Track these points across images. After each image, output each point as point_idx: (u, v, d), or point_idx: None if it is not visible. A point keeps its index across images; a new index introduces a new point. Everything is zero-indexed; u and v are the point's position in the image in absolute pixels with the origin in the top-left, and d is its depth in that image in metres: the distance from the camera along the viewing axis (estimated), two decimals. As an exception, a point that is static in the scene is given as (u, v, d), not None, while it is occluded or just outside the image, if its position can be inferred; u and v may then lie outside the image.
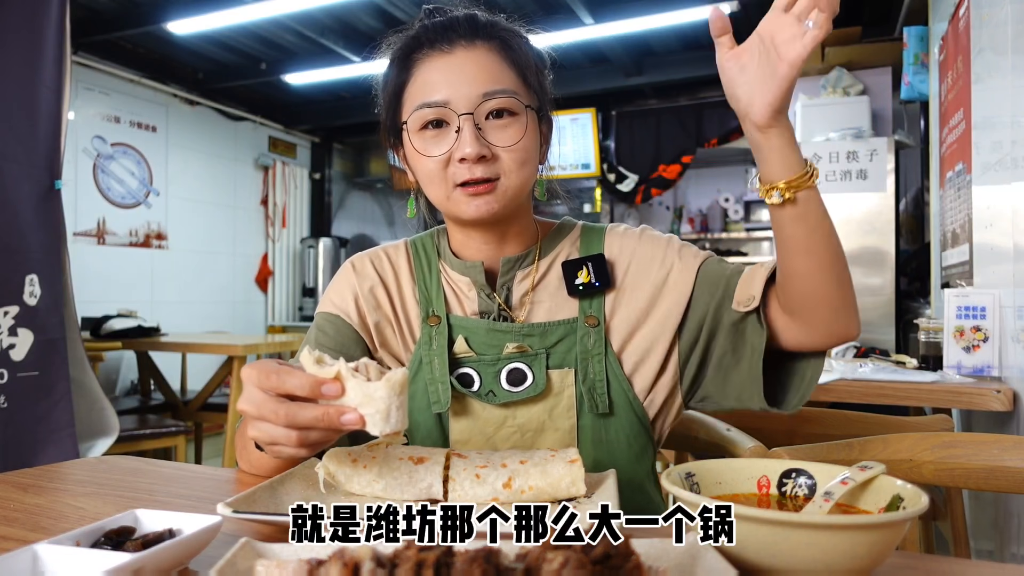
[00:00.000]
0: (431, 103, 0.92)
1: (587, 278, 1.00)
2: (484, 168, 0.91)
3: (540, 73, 1.00)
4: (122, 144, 5.29)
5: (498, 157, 0.92)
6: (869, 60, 4.00)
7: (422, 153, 0.93)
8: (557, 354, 0.98)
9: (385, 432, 0.69)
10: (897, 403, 1.88)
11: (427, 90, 0.93)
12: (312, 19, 4.66)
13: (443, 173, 0.93)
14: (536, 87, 0.98)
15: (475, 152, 0.89)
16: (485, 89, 0.91)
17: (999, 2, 1.94)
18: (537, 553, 0.45)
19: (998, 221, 1.98)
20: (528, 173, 0.95)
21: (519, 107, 0.93)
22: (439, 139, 0.93)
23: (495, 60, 0.94)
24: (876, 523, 0.51)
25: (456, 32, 0.94)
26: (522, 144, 0.93)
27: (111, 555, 0.52)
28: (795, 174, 0.81)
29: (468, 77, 0.92)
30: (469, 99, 0.91)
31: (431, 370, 0.98)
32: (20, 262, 2.21)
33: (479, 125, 0.92)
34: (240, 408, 0.71)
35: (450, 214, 0.98)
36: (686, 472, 0.64)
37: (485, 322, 1.00)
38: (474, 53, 0.93)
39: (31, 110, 2.26)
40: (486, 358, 0.98)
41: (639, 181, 6.00)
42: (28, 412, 2.21)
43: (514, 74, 0.95)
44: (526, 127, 0.93)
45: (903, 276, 3.80)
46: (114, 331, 3.84)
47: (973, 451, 1.04)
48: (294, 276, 6.97)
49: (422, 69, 0.94)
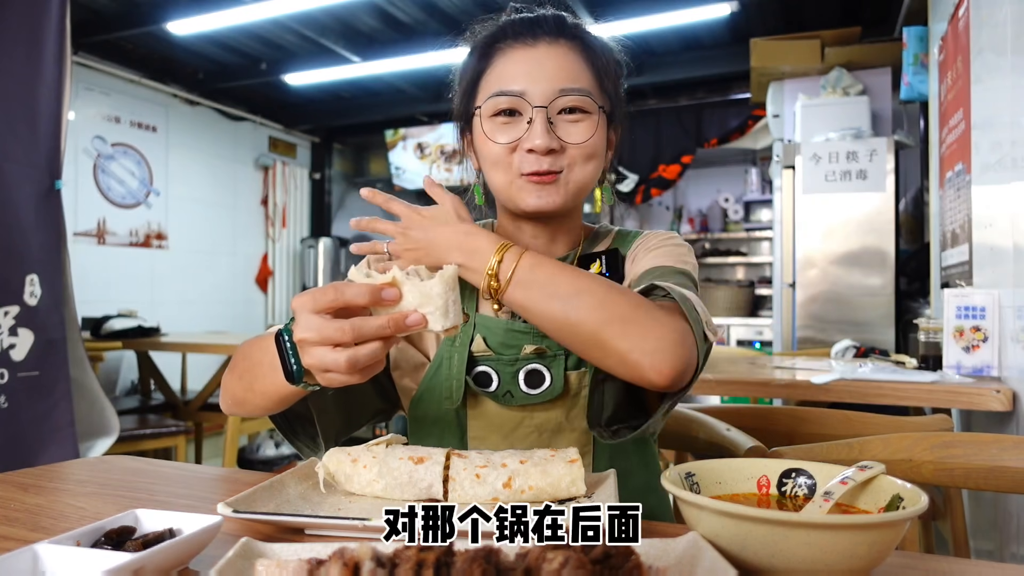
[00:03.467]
0: (507, 91, 0.93)
1: (599, 269, 1.01)
2: (551, 161, 0.93)
3: (616, 81, 1.02)
4: (122, 144, 5.29)
5: (566, 151, 0.94)
6: (869, 60, 4.00)
7: (490, 138, 0.95)
8: (575, 355, 0.96)
9: (446, 327, 0.72)
10: (897, 403, 1.88)
11: (505, 79, 0.95)
12: (312, 19, 4.66)
13: (509, 159, 0.95)
14: (611, 92, 0.99)
15: (545, 144, 0.91)
16: (562, 85, 0.93)
17: (999, 2, 1.94)
18: (537, 553, 0.45)
19: (997, 221, 1.98)
20: (592, 171, 0.96)
21: (592, 107, 0.94)
22: (510, 127, 0.95)
23: (575, 60, 0.96)
24: (876, 523, 0.51)
25: (542, 28, 0.96)
26: (591, 143, 0.94)
27: (111, 555, 0.52)
28: (481, 286, 0.84)
29: (547, 72, 0.93)
30: (545, 92, 0.93)
31: (449, 366, 0.98)
32: (20, 262, 2.21)
33: (551, 119, 0.93)
34: (299, 337, 0.71)
35: (511, 202, 0.98)
36: (686, 472, 0.64)
37: (504, 322, 0.99)
38: (556, 50, 0.95)
39: (31, 110, 2.26)
40: (504, 358, 0.97)
41: (639, 181, 6.00)
42: (28, 412, 2.21)
43: (592, 76, 0.96)
44: (596, 126, 0.95)
45: (903, 276, 3.80)
46: (114, 331, 3.85)
47: (972, 451, 1.04)
48: (294, 276, 6.97)
49: (503, 59, 0.96)
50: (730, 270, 6.62)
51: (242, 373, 0.88)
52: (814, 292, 3.68)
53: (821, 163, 3.65)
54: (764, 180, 6.25)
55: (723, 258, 6.49)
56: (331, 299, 0.71)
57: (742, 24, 4.71)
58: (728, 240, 6.52)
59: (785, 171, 3.88)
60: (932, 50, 3.06)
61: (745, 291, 5.98)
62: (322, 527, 0.66)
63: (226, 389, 0.93)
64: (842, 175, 3.63)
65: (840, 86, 3.87)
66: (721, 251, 6.58)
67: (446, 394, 0.97)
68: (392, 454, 0.77)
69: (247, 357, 0.88)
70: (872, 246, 3.60)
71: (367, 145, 7.58)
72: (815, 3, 4.52)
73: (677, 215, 6.80)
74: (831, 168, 3.64)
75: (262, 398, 0.85)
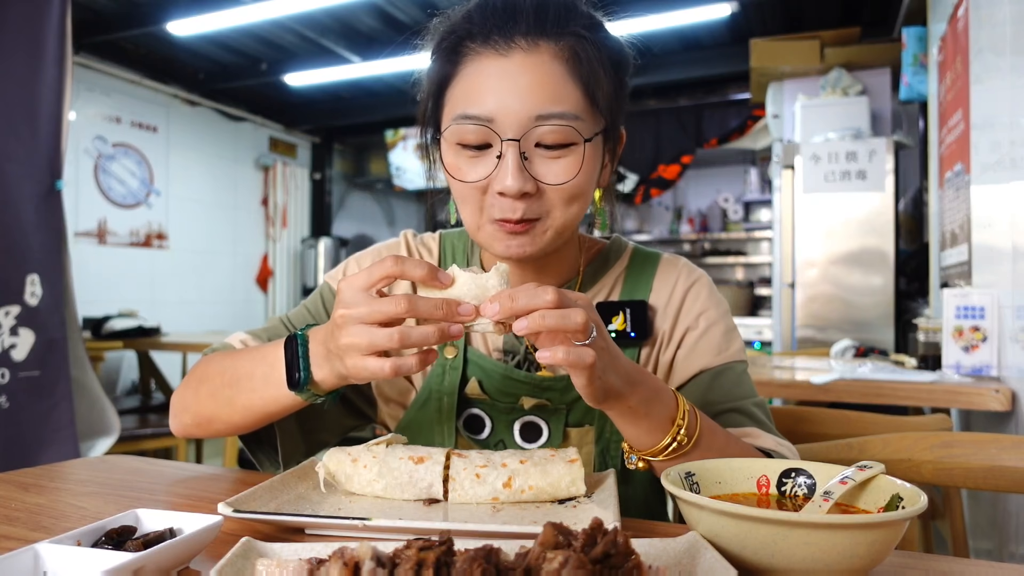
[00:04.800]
0: (473, 116, 0.77)
1: (622, 326, 0.89)
2: (526, 206, 0.78)
3: (616, 80, 0.84)
4: (123, 144, 5.29)
5: (544, 194, 0.78)
6: (868, 60, 4.00)
7: (455, 177, 0.80)
8: (578, 410, 0.89)
9: (494, 320, 0.66)
10: (896, 403, 1.88)
11: (471, 97, 0.78)
12: (312, 19, 4.66)
13: (479, 199, 0.80)
14: (606, 103, 0.81)
15: (516, 187, 0.76)
16: (540, 110, 0.76)
17: (998, 2, 1.94)
18: (537, 553, 0.45)
19: (997, 221, 1.98)
20: (576, 211, 0.82)
21: (578, 137, 0.78)
22: (478, 161, 0.79)
23: (559, 71, 0.77)
24: (875, 522, 0.51)
25: (516, 25, 0.77)
26: (576, 182, 0.78)
27: (112, 554, 0.52)
28: (645, 449, 0.74)
29: (522, 90, 0.76)
30: (519, 119, 0.76)
31: (439, 408, 0.90)
32: (21, 262, 2.21)
33: (525, 153, 0.77)
34: (345, 313, 0.66)
35: (481, 245, 0.85)
36: (686, 472, 0.64)
37: (502, 367, 0.90)
38: (534, 59, 0.77)
39: (32, 111, 2.27)
40: (500, 404, 0.89)
41: (639, 181, 6.01)
42: (29, 412, 2.21)
43: (580, 91, 0.78)
44: (583, 160, 0.78)
45: (902, 276, 3.80)
46: (115, 331, 3.85)
47: (972, 451, 1.04)
48: (294, 276, 6.97)
49: (470, 66, 0.79)
50: (730, 270, 6.62)
51: (215, 390, 0.82)
52: (814, 292, 3.68)
53: (821, 163, 3.65)
54: (764, 180, 6.25)
55: (723, 258, 6.49)
56: (388, 269, 0.65)
57: (742, 24, 4.71)
58: (728, 240, 6.52)
59: (785, 171, 3.88)
60: (931, 50, 3.06)
61: (745, 291, 5.98)
62: (322, 527, 0.66)
63: (186, 409, 0.86)
64: (842, 175, 3.63)
65: (840, 86, 3.87)
66: (721, 251, 6.58)
67: (438, 440, 0.91)
68: (392, 454, 0.77)
69: (224, 372, 0.82)
70: (872, 246, 3.60)
71: (367, 145, 7.58)
72: (815, 3, 4.52)
73: (677, 215, 6.81)
74: (831, 168, 3.64)
75: (243, 414, 0.80)
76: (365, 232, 7.82)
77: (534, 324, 0.61)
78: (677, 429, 0.72)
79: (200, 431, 0.86)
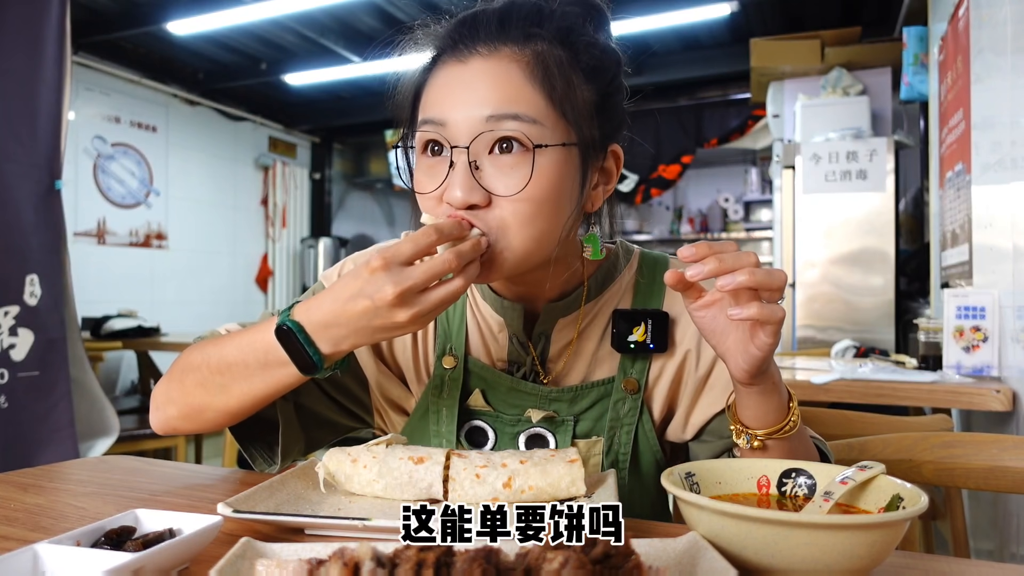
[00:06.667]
0: (428, 120, 0.74)
1: (643, 337, 0.84)
2: (477, 220, 0.72)
3: (598, 91, 0.78)
4: (122, 144, 5.29)
5: (496, 206, 0.72)
6: (869, 60, 4.00)
7: (415, 188, 0.77)
8: (586, 421, 0.86)
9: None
10: (897, 403, 1.88)
11: (429, 104, 0.76)
12: (312, 19, 4.66)
13: (436, 211, 0.75)
14: (580, 114, 0.75)
15: (461, 198, 0.71)
16: (491, 111, 0.71)
17: (999, 2, 1.94)
18: (537, 553, 0.45)
19: (997, 221, 1.98)
20: (538, 233, 0.73)
21: (528, 141, 0.71)
22: (435, 170, 0.75)
23: (516, 74, 0.72)
24: (875, 523, 0.51)
25: (479, 32, 0.74)
26: (528, 193, 0.71)
27: (111, 555, 0.52)
28: (770, 427, 0.73)
29: (475, 95, 0.72)
30: (470, 123, 0.71)
31: (437, 421, 0.88)
32: (20, 262, 2.21)
33: (477, 162, 0.72)
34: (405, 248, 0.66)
35: None
36: (686, 472, 0.64)
37: (508, 378, 0.86)
38: (492, 64, 0.73)
39: (31, 110, 2.27)
40: (505, 416, 0.87)
41: (639, 181, 6.01)
42: (28, 412, 2.21)
43: (542, 96, 0.72)
44: (532, 167, 0.71)
45: (903, 276, 3.80)
46: (114, 331, 3.85)
47: (972, 451, 1.04)
48: (294, 276, 6.97)
49: (438, 75, 0.76)
50: (730, 270, 6.62)
51: (204, 379, 0.80)
52: (814, 292, 3.68)
53: (821, 163, 3.65)
54: (764, 180, 6.25)
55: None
56: (432, 239, 0.67)
57: (742, 24, 4.71)
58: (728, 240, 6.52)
59: (785, 171, 3.89)
60: (932, 50, 3.06)
61: (745, 291, 5.98)
62: (322, 527, 0.66)
63: (171, 401, 0.83)
64: (842, 175, 3.63)
65: (840, 86, 3.87)
66: (721, 251, 6.58)
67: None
68: (392, 454, 0.76)
69: (210, 360, 0.79)
70: (872, 246, 3.60)
71: (367, 145, 7.59)
72: (815, 3, 4.52)
73: (677, 215, 6.81)
74: (831, 168, 3.64)
75: (239, 400, 0.78)
76: (365, 232, 7.82)
77: (746, 280, 0.62)
78: (796, 404, 0.75)
79: (186, 424, 0.83)
